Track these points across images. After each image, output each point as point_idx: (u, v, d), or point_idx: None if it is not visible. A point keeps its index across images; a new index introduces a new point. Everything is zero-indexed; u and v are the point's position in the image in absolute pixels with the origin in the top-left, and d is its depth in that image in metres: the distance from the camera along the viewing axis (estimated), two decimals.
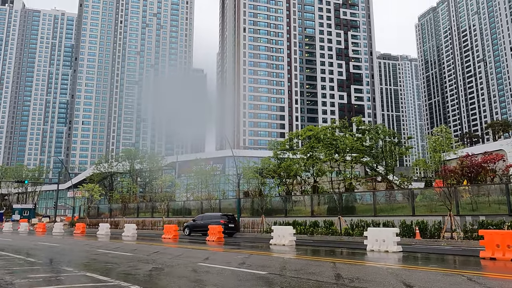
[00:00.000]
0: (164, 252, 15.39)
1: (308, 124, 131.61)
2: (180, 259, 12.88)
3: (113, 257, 13.82)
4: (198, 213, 45.01)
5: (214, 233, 22.92)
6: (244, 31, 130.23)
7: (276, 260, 12.37)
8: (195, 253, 15.24)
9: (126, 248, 17.58)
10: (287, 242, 19.34)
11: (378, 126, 38.51)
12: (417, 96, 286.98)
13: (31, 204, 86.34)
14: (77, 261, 12.78)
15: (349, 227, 26.28)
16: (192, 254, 14.61)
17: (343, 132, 41.19)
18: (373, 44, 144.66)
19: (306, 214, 35.41)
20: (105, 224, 33.38)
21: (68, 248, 18.43)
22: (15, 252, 16.09)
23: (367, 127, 38.81)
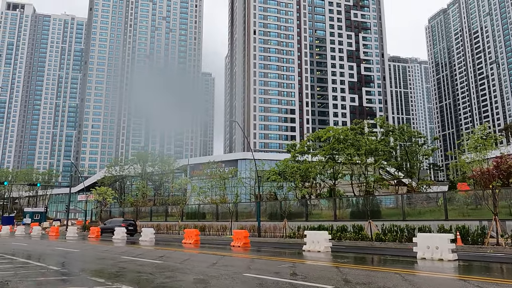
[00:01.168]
0: (196, 259, 14.10)
1: (319, 127, 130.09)
2: (219, 268, 11.58)
3: (141, 265, 12.56)
4: (212, 217, 43.73)
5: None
6: (254, 33, 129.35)
7: (329, 270, 11.00)
8: (230, 260, 13.93)
9: (151, 255, 16.32)
10: (323, 248, 17.95)
11: (402, 127, 37.01)
12: (427, 99, 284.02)
13: (42, 207, 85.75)
14: (106, 271, 11.53)
15: (381, 232, 24.79)
16: (228, 262, 13.29)
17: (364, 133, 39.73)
18: (385, 45, 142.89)
19: (327, 218, 33.94)
20: (121, 229, 32.21)
21: (88, 254, 17.23)
22: (35, 259, 14.92)
23: (391, 128, 37.29)
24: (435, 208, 31.83)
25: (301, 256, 16.33)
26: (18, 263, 13.58)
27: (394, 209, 35.36)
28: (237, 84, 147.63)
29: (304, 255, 16.59)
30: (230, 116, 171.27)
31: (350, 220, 30.97)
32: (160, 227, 42.24)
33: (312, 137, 40.53)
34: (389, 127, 37.34)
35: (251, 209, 43.80)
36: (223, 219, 41.35)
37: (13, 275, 10.55)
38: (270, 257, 15.27)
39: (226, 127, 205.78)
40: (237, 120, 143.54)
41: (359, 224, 26.67)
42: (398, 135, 36.19)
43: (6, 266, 12.74)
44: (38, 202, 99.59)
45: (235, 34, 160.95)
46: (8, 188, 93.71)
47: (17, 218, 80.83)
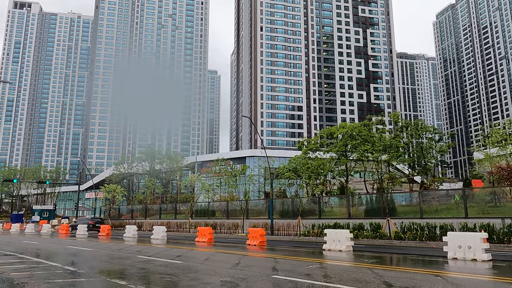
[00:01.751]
0: (216, 259, 13.49)
1: (326, 124, 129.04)
2: (244, 269, 10.95)
3: (161, 265, 11.98)
4: (222, 214, 43.21)
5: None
6: (261, 30, 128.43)
7: (362, 272, 10.32)
8: (252, 260, 13.30)
9: (168, 254, 15.75)
10: (344, 247, 17.27)
11: (417, 122, 36.11)
12: (434, 95, 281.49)
13: (51, 205, 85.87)
14: (126, 272, 10.95)
15: (400, 230, 24.05)
16: (251, 262, 12.66)
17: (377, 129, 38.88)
18: (393, 41, 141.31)
19: (340, 216, 33.25)
20: (132, 226, 31.76)
21: (103, 253, 16.70)
22: (49, 259, 14.41)
23: (406, 123, 36.41)
24: (451, 205, 31.03)
25: (323, 255, 15.68)
26: (32, 263, 13.07)
27: (408, 207, 34.58)
28: (244, 81, 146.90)
29: (326, 255, 15.93)
30: (237, 113, 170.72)
31: (365, 218, 30.28)
32: (170, 225, 41.75)
33: (325, 133, 39.71)
34: (403, 123, 36.48)
35: (261, 206, 43.17)
36: (232, 216, 40.83)
37: (28, 276, 10.02)
38: (293, 257, 14.62)
39: (232, 124, 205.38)
40: (244, 117, 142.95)
41: (376, 222, 25.94)
42: (413, 131, 35.32)
43: (20, 266, 12.23)
44: (46, 200, 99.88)
45: (241, 31, 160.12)
46: (17, 186, 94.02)
47: (26, 216, 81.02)
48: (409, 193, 35.87)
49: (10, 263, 13.25)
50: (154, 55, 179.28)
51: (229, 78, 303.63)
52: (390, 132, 40.27)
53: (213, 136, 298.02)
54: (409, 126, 35.95)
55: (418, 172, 35.58)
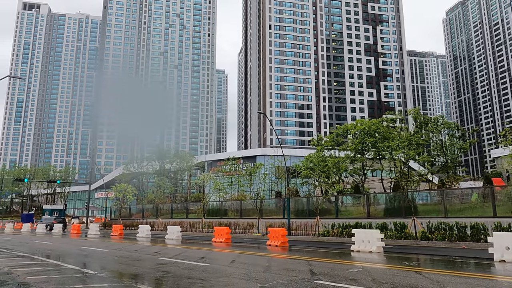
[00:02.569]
0: (243, 261, 12.55)
1: (336, 122, 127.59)
2: (279, 272, 10.01)
3: (186, 268, 11.09)
4: (235, 214, 42.35)
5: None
6: (270, 28, 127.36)
7: (412, 276, 9.31)
8: (283, 263, 12.34)
9: (189, 256, 14.86)
10: (375, 248, 16.24)
11: (438, 118, 34.86)
12: (444, 93, 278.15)
13: (61, 205, 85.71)
14: (150, 276, 10.07)
15: (427, 230, 22.93)
16: (282, 265, 11.72)
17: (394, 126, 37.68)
18: (403, 39, 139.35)
19: (357, 215, 32.22)
20: (145, 226, 30.99)
21: (120, 255, 15.86)
22: (65, 261, 13.60)
23: (426, 119, 35.19)
24: (474, 204, 29.87)
25: (355, 257, 14.67)
26: (47, 266, 12.26)
27: (429, 206, 33.40)
28: (252, 80, 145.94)
29: (358, 256, 14.92)
30: (245, 112, 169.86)
31: (384, 217, 29.20)
32: (183, 224, 40.92)
33: (341, 131, 38.60)
34: (423, 119, 35.25)
35: (274, 206, 42.20)
36: (245, 216, 39.96)
37: (45, 281, 9.18)
38: (324, 259, 13.63)
39: (240, 123, 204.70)
40: (253, 116, 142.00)
41: (401, 222, 24.82)
42: (433, 128, 34.09)
43: (35, 269, 11.41)
44: (56, 199, 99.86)
45: (249, 29, 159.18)
46: (27, 186, 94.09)
47: (36, 215, 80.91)
48: (430, 191, 34.67)
49: (24, 265, 12.45)
50: (162, 54, 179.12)
51: (236, 78, 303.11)
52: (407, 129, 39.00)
53: (221, 136, 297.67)
54: (429, 122, 34.72)
55: (439, 170, 34.35)
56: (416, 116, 34.24)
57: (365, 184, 47.99)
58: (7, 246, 21.39)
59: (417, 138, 32.25)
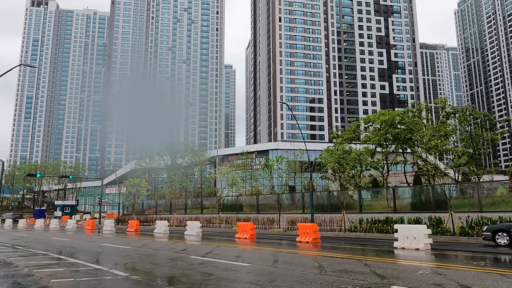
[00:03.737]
0: (289, 261, 11.24)
1: (348, 116, 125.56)
2: (342, 275, 8.68)
3: (228, 270, 9.82)
4: (251, 209, 41.17)
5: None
6: (280, 21, 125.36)
7: (499, 279, 7.91)
8: (337, 264, 11.00)
9: (221, 254, 13.60)
10: (422, 245, 14.84)
11: (467, 108, 33.18)
12: (455, 86, 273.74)
13: (72, 200, 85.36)
14: (191, 279, 8.78)
15: (466, 225, 21.44)
16: (338, 266, 10.39)
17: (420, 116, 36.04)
18: (415, 30, 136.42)
19: (381, 209, 30.82)
20: (163, 222, 29.87)
21: (144, 252, 14.65)
22: (88, 260, 12.40)
23: (454, 109, 33.50)
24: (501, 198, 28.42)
25: (405, 255, 13.29)
26: (71, 266, 11.07)
27: (459, 199, 31.82)
28: (262, 74, 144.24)
29: (407, 255, 13.53)
30: (254, 107, 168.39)
31: (412, 212, 27.80)
32: (199, 219, 39.79)
33: (365, 121, 36.99)
34: (451, 109, 33.54)
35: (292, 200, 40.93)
36: (262, 211, 38.82)
37: (74, 285, 7.95)
38: (376, 258, 12.25)
39: (250, 118, 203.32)
40: (262, 111, 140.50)
41: (436, 216, 23.36)
42: (462, 118, 32.38)
43: (58, 270, 10.22)
44: (67, 195, 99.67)
45: (258, 23, 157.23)
46: (39, 182, 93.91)
47: (48, 211, 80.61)
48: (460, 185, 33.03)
49: (45, 265, 11.28)
50: (170, 49, 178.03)
51: (244, 73, 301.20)
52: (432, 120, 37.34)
53: (229, 131, 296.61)
54: (456, 112, 33.01)
55: (467, 162, 32.68)
56: (443, 105, 32.55)
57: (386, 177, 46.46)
58: (22, 243, 20.37)
59: (445, 129, 30.57)
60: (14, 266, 10.94)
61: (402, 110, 35.43)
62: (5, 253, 14.84)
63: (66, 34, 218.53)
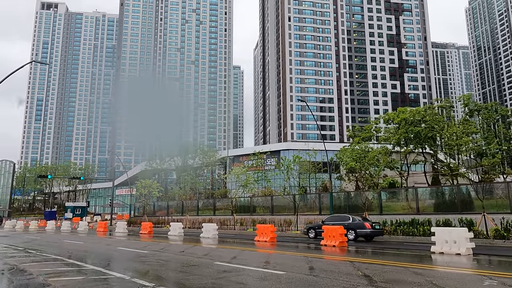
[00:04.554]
0: (323, 269, 10.21)
1: (359, 116, 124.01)
2: (390, 285, 7.62)
3: (261, 279, 8.83)
4: (265, 210, 40.25)
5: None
6: (289, 20, 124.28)
7: None
8: (379, 270, 9.94)
9: (249, 259, 12.61)
10: (464, 250, 13.69)
11: (492, 104, 31.82)
12: (466, 85, 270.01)
13: (83, 202, 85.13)
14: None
15: (501, 228, 20.20)
16: (382, 274, 9.33)
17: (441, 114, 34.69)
18: (427, 28, 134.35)
19: (401, 211, 29.63)
20: (177, 224, 28.99)
21: (165, 258, 13.72)
22: (106, 266, 11.49)
23: (478, 106, 32.15)
24: None
25: (448, 261, 12.16)
26: (91, 274, 10.16)
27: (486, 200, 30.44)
28: (271, 75, 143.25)
29: (449, 261, 12.40)
30: (263, 108, 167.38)
31: (435, 213, 26.70)
32: (212, 221, 38.92)
33: (384, 119, 35.78)
34: (475, 106, 32.19)
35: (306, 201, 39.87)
36: (277, 212, 37.86)
37: None
38: (419, 265, 11.15)
39: (259, 119, 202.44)
40: (272, 111, 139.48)
41: (467, 218, 22.16)
42: (487, 115, 31.02)
43: (77, 279, 9.31)
44: (78, 196, 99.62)
45: (266, 23, 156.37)
46: (49, 183, 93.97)
47: (58, 213, 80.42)
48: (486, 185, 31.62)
49: (61, 272, 10.40)
50: (179, 50, 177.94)
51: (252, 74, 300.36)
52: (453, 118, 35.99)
53: (237, 132, 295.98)
54: (480, 109, 31.65)
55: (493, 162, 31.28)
56: (467, 102, 31.21)
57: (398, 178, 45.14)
58: (34, 246, 19.59)
59: (468, 127, 29.25)
60: (28, 274, 10.07)
61: (422, 108, 34.17)
62: (17, 257, 14.03)
63: (76, 36, 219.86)
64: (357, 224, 22.01)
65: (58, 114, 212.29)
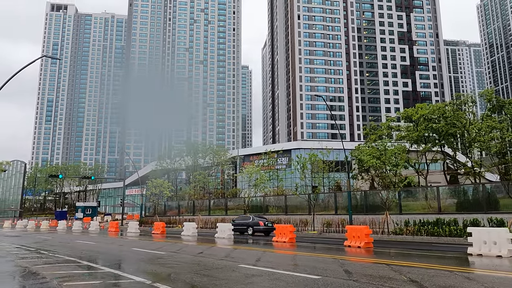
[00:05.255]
0: (361, 273, 9.32)
1: (370, 115, 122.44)
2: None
3: (299, 284, 7.98)
4: (278, 210, 39.55)
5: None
6: (299, 18, 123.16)
7: None
8: (417, 273, 9.01)
9: (274, 262, 11.76)
10: (506, 252, 12.67)
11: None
12: (478, 83, 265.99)
13: (93, 202, 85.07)
14: None
15: None
16: (421, 277, 8.40)
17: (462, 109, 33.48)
18: (439, 25, 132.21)
19: (422, 210, 28.61)
20: (191, 224, 28.23)
21: (183, 259, 12.93)
22: (125, 269, 10.72)
23: (501, 102, 30.88)
24: None
25: (491, 264, 11.17)
26: (105, 277, 9.40)
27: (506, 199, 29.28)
28: (280, 73, 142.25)
29: (491, 264, 11.41)
30: (272, 107, 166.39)
31: (458, 213, 25.59)
32: (225, 221, 38.17)
33: (402, 116, 34.65)
34: (498, 101, 30.94)
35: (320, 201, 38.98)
36: (290, 212, 37.11)
37: None
38: (468, 268, 10.20)
39: (267, 118, 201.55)
40: (281, 110, 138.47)
41: (498, 218, 21.07)
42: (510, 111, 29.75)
43: (93, 283, 8.54)
44: (88, 197, 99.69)
45: (275, 22, 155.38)
46: (60, 183, 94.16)
47: (69, 213, 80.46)
48: None
49: (77, 276, 9.64)
50: (187, 50, 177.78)
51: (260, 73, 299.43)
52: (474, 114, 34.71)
53: (245, 132, 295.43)
54: (504, 104, 30.41)
55: None
56: (490, 97, 29.99)
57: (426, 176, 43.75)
58: (46, 247, 18.98)
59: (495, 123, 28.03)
60: (41, 278, 9.34)
61: (442, 104, 32.99)
62: (29, 259, 13.36)
63: (85, 37, 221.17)
64: (254, 223, 28.29)
65: (68, 115, 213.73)
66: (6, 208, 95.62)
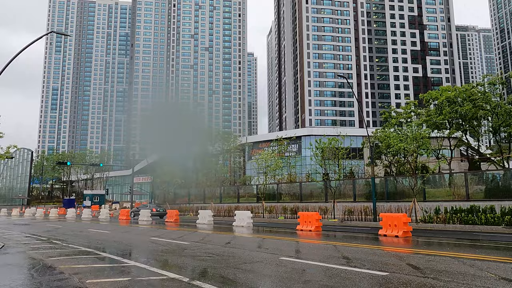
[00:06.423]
0: (435, 268, 7.97)
1: (379, 101, 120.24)
2: None
3: (358, 281, 6.64)
4: (291, 197, 38.42)
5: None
6: (307, 3, 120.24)
7: None
8: (495, 267, 7.63)
9: (306, 253, 10.44)
10: None
11: None
12: (487, 69, 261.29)
13: (101, 190, 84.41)
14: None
15: None
16: (505, 273, 7.01)
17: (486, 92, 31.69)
18: (451, 9, 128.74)
19: (447, 197, 27.26)
20: (207, 211, 27.05)
21: (212, 251, 11.65)
22: (148, 262, 9.43)
23: None
24: None
25: None
26: (131, 271, 8.11)
27: None
28: (287, 60, 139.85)
29: None
30: (279, 94, 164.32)
31: (487, 200, 24.24)
32: (239, 209, 37.03)
33: (426, 98, 32.97)
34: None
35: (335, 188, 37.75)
36: (305, 200, 35.95)
37: None
38: None
39: (274, 105, 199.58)
40: (288, 97, 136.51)
41: None
42: None
43: (120, 280, 7.24)
44: (95, 185, 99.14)
45: (282, 7, 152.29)
46: (67, 171, 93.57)
47: (76, 201, 79.87)
48: None
49: (99, 271, 8.35)
50: (193, 37, 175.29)
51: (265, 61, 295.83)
52: (500, 96, 32.96)
53: (251, 120, 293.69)
54: None
55: None
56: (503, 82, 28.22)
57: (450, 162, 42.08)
58: (58, 236, 17.82)
59: None
60: (58, 273, 8.08)
61: (468, 85, 31.27)
62: (42, 250, 12.15)
63: (89, 25, 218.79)
64: (150, 209, 35.22)
65: (73, 103, 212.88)
66: (14, 196, 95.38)
